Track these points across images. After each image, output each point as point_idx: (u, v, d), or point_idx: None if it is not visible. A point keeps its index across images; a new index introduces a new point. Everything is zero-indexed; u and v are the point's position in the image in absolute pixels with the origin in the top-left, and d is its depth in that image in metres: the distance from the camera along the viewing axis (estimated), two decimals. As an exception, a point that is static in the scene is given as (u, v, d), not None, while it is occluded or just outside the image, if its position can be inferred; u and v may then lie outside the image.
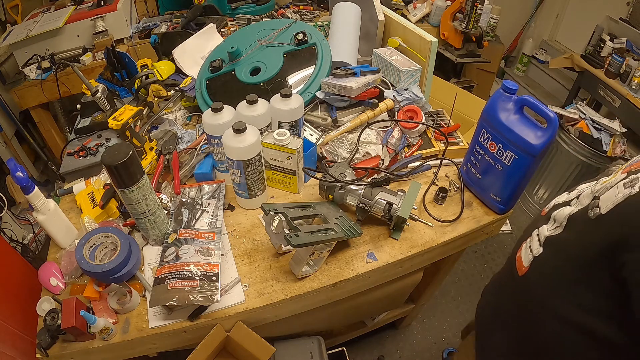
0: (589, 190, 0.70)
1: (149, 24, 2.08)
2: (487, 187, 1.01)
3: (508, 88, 0.89)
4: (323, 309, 1.00)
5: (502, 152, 0.91)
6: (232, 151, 0.91)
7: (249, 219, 1.03)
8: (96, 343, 0.81)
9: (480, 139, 0.96)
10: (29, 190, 0.85)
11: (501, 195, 0.98)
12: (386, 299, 1.27)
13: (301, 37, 1.25)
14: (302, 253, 0.86)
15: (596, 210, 0.63)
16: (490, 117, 0.92)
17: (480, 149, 0.97)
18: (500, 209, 1.02)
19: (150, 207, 0.87)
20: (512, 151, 0.88)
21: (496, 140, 0.91)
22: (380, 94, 1.23)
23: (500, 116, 0.89)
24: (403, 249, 0.96)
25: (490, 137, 0.93)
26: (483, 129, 0.94)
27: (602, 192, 0.65)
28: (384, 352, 1.81)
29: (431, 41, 1.20)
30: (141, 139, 1.08)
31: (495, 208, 1.03)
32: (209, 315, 0.84)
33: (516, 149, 0.87)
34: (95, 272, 0.81)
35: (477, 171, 1.01)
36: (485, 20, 2.49)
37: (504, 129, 0.88)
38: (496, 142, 0.91)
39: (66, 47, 2.03)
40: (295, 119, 1.05)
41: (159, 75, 1.34)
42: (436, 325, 1.92)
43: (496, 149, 0.92)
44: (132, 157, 0.77)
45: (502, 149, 0.90)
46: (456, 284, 2.10)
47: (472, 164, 1.02)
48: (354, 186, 0.97)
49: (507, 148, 0.89)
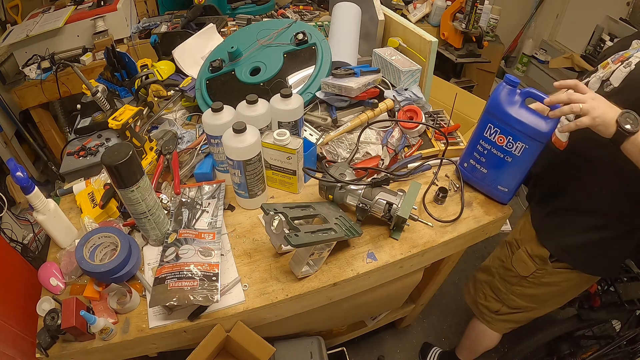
0: (594, 78, 0.97)
1: (149, 24, 2.08)
2: (494, 180, 1.03)
3: (511, 81, 0.92)
4: (323, 309, 1.00)
5: (511, 144, 0.94)
6: (232, 151, 0.91)
7: (249, 219, 1.03)
8: (96, 343, 0.81)
9: (486, 133, 0.98)
10: (29, 190, 0.85)
11: (508, 186, 1.01)
12: (386, 299, 1.27)
13: (301, 37, 1.25)
14: (302, 253, 0.86)
15: (610, 86, 0.91)
16: (497, 111, 0.94)
17: (486, 143, 0.99)
18: (507, 199, 1.05)
19: (150, 207, 0.87)
20: (522, 141, 0.92)
21: (505, 133, 0.94)
22: (380, 94, 1.23)
23: (508, 109, 0.92)
24: (403, 249, 0.96)
25: (498, 131, 0.95)
26: (489, 124, 0.96)
27: (607, 76, 0.93)
28: (384, 352, 1.81)
29: (431, 41, 1.20)
30: (141, 139, 1.08)
31: (502, 199, 1.05)
32: (209, 315, 0.84)
33: (527, 139, 0.91)
34: (95, 272, 0.81)
35: (482, 166, 1.03)
36: (485, 20, 2.49)
37: (514, 121, 0.91)
38: (505, 134, 0.94)
39: (66, 47, 2.03)
40: (295, 119, 1.05)
41: (159, 75, 1.34)
42: (436, 325, 1.92)
43: (505, 141, 0.95)
44: (132, 157, 0.77)
45: (512, 141, 0.93)
46: (456, 284, 2.09)
47: (477, 160, 1.04)
48: (354, 186, 0.97)
49: (518, 139, 0.92)
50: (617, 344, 1.36)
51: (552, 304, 1.23)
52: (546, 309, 1.24)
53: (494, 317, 1.32)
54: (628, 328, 1.39)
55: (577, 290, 1.20)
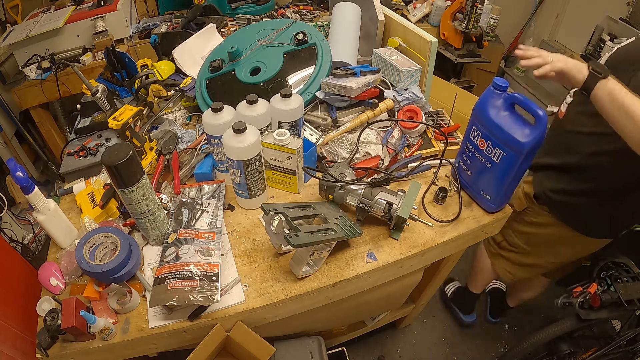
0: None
1: (149, 24, 2.08)
2: (478, 185, 1.01)
3: (498, 85, 0.90)
4: (323, 309, 1.00)
5: (491, 150, 0.91)
6: (232, 151, 0.91)
7: (249, 219, 1.03)
8: (96, 343, 0.81)
9: (471, 135, 0.96)
10: (29, 190, 0.85)
11: (491, 194, 0.98)
12: (386, 299, 1.27)
13: (301, 37, 1.25)
14: (302, 253, 0.86)
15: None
16: (480, 114, 0.92)
17: (471, 145, 0.97)
18: (491, 208, 1.02)
19: (150, 207, 0.87)
20: (500, 148, 0.88)
21: (485, 137, 0.91)
22: (380, 94, 1.23)
23: (490, 113, 0.89)
24: (403, 249, 0.96)
25: (480, 134, 0.93)
26: (474, 126, 0.95)
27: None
28: (384, 352, 1.81)
29: (431, 41, 1.20)
30: (141, 139, 1.08)
31: (486, 206, 1.02)
32: (209, 315, 0.84)
33: (504, 146, 0.87)
34: (95, 272, 0.81)
35: (468, 168, 1.02)
36: (485, 20, 2.49)
37: (493, 125, 0.88)
38: (485, 139, 0.91)
39: (66, 47, 2.03)
40: (295, 119, 1.05)
41: (159, 75, 1.34)
42: (436, 325, 1.92)
43: (485, 145, 0.92)
44: (132, 157, 0.77)
45: (491, 146, 0.90)
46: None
47: (464, 162, 1.02)
48: (354, 186, 0.97)
49: (496, 145, 0.89)
50: (617, 344, 1.36)
51: (543, 253, 1.39)
52: (539, 258, 1.40)
53: (496, 249, 1.53)
54: (628, 328, 1.39)
55: (566, 249, 1.34)
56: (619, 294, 1.23)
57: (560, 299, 1.33)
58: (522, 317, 1.95)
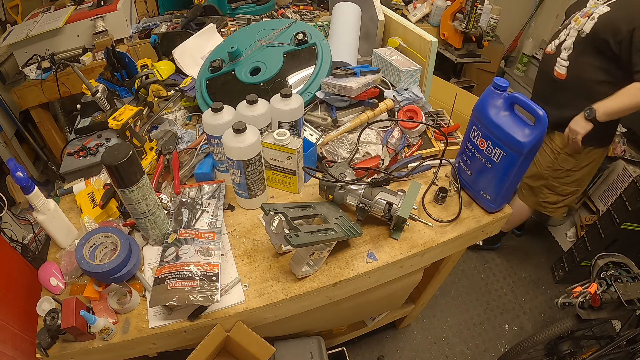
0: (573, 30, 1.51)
1: (149, 24, 2.08)
2: (477, 185, 1.01)
3: (498, 85, 0.89)
4: (323, 309, 1.00)
5: (491, 149, 0.91)
6: (232, 151, 0.91)
7: (249, 219, 1.03)
8: (96, 343, 0.81)
9: (471, 135, 0.96)
10: (29, 190, 0.85)
11: (491, 193, 0.98)
12: (386, 299, 1.27)
13: (301, 37, 1.25)
14: (302, 253, 0.86)
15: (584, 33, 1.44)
16: (480, 114, 0.92)
17: (471, 145, 0.97)
18: (491, 207, 1.02)
19: (150, 207, 0.87)
20: (500, 148, 0.89)
21: (485, 137, 0.91)
22: (380, 94, 1.23)
23: (490, 113, 0.89)
24: (403, 249, 0.96)
25: (480, 134, 0.93)
26: (474, 126, 0.95)
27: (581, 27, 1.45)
28: (384, 352, 1.81)
29: (431, 41, 1.20)
30: (141, 139, 1.08)
31: (486, 206, 1.02)
32: (209, 315, 0.84)
33: (504, 146, 0.87)
34: (95, 272, 0.81)
35: (468, 168, 1.02)
36: (485, 20, 2.49)
37: (493, 125, 0.88)
38: (485, 139, 0.91)
39: (66, 47, 2.03)
40: (295, 119, 1.05)
41: (159, 75, 1.34)
42: (436, 325, 1.92)
43: (485, 145, 0.92)
44: (132, 157, 0.77)
45: (491, 146, 0.90)
46: (456, 284, 2.10)
47: (464, 162, 1.02)
48: (354, 186, 0.97)
49: (496, 145, 0.89)
50: (617, 344, 1.36)
51: (586, 182, 1.77)
52: (582, 187, 1.78)
53: (554, 207, 1.83)
54: (628, 328, 1.39)
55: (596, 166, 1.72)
56: (619, 294, 1.23)
57: (560, 299, 1.34)
58: (522, 317, 1.96)
